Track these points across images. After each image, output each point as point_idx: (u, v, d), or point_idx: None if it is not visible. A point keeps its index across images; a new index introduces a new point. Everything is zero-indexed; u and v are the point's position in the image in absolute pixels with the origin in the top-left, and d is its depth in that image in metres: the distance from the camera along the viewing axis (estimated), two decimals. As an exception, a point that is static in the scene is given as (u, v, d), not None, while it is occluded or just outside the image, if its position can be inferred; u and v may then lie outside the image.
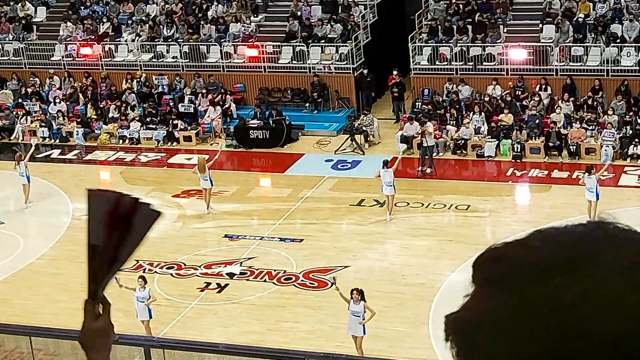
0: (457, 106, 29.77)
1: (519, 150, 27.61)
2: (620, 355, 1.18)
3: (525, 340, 1.23)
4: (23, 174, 26.04)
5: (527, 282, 1.28)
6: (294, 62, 32.59)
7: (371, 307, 17.62)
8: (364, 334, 17.53)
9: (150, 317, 18.76)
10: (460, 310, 1.36)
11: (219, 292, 21.06)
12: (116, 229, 2.22)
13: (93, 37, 35.21)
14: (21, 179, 26.15)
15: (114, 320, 2.50)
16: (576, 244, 1.29)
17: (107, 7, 36.34)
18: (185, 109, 32.10)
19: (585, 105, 28.61)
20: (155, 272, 21.86)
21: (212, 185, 25.11)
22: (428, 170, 26.92)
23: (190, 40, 33.93)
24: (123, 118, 32.12)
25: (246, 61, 33.03)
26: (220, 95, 32.32)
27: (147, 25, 34.91)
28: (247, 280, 21.48)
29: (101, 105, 33.25)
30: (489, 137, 28.34)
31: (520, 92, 29.73)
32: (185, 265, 22.30)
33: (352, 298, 17.48)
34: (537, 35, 30.71)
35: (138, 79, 33.71)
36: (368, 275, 21.11)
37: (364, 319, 17.47)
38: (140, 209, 2.22)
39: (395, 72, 31.50)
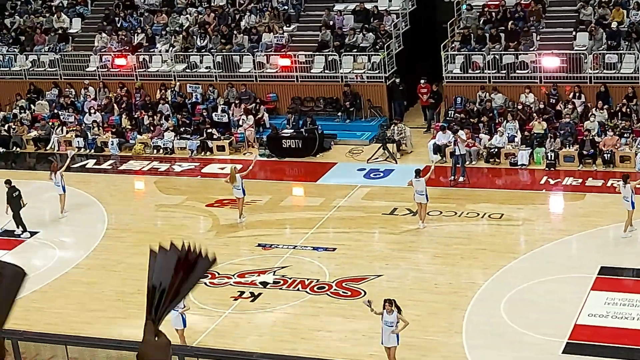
0: (490, 114, 29.67)
1: (552, 158, 27.45)
2: None
3: None
4: (58, 183, 26.26)
5: None
6: (326, 71, 32.65)
7: (404, 317, 17.57)
8: (397, 344, 17.48)
9: (185, 325, 18.83)
10: None
11: (252, 300, 21.10)
12: (181, 271, 2.96)
13: (127, 47, 35.48)
14: (57, 189, 26.38)
15: None
16: None
17: (142, 18, 36.63)
18: (218, 119, 32.25)
19: (619, 113, 28.41)
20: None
21: (244, 194, 25.18)
22: (461, 179, 26.84)
23: (224, 51, 34.10)
24: (157, 127, 32.30)
25: (279, 71, 33.14)
26: (253, 105, 32.44)
27: (181, 35, 35.13)
28: (280, 289, 21.50)
29: (135, 116, 33.48)
30: (523, 145, 28.21)
31: (554, 100, 29.58)
32: (219, 274, 22.37)
33: (384, 309, 17.43)
34: (571, 42, 30.54)
35: (172, 89, 33.93)
36: (401, 284, 21.07)
37: (397, 328, 17.43)
38: (203, 256, 3.07)
39: (422, 81, 31.46)
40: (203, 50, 34.49)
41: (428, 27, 34.12)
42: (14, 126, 33.90)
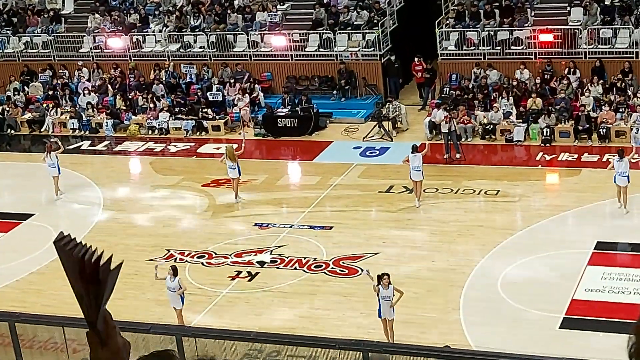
0: (485, 91, 29.64)
1: (548, 134, 27.44)
2: None
3: None
4: (54, 165, 26.20)
5: None
6: (320, 49, 32.56)
7: (398, 288, 17.62)
8: (394, 316, 17.56)
9: (183, 304, 18.84)
10: None
11: (249, 280, 21.12)
12: (87, 279, 2.71)
13: (121, 28, 35.34)
14: (51, 170, 26.32)
15: (147, 310, 2.62)
16: None
17: (134, -2, 36.47)
18: (213, 98, 32.18)
19: (614, 88, 28.37)
20: (187, 261, 21.97)
21: (240, 174, 25.14)
22: (457, 156, 26.82)
23: (217, 30, 33.98)
24: (152, 108, 32.24)
25: (273, 50, 33.03)
26: (248, 84, 32.36)
27: (174, 15, 34.98)
28: (278, 268, 21.52)
29: (130, 96, 33.39)
30: (518, 121, 28.19)
31: (548, 76, 29.54)
32: (216, 254, 22.38)
33: (380, 284, 17.49)
34: (565, 18, 30.45)
35: (166, 69, 33.82)
36: (398, 261, 21.10)
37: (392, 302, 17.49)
38: (101, 267, 2.70)
39: (416, 59, 31.39)
40: (197, 30, 34.36)
41: (422, 4, 34.00)
42: (7, 108, 33.79)
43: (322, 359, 13.16)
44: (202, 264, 22.02)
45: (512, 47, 30.54)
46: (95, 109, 33.02)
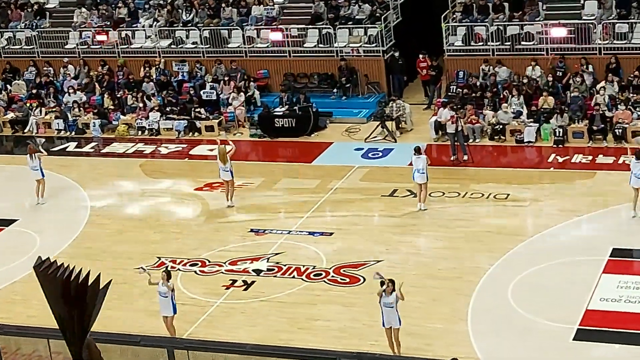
0: (494, 89, 29.67)
1: (561, 134, 27.47)
2: None
3: None
4: (36, 167, 26.24)
5: None
6: (320, 45, 32.60)
7: (399, 292, 17.59)
8: (400, 325, 17.55)
9: (175, 312, 18.83)
10: None
11: (245, 289, 21.13)
12: (71, 301, 2.61)
13: (109, 23, 35.39)
14: (34, 174, 26.34)
15: (136, 321, 2.61)
16: None
17: (123, -8, 36.51)
18: (207, 96, 32.22)
19: (630, 86, 28.41)
20: (179, 269, 21.98)
21: (232, 176, 25.16)
22: (465, 158, 26.84)
23: (211, 25, 34.02)
24: (142, 107, 32.28)
25: (270, 45, 33.08)
26: (243, 82, 32.40)
27: (165, 9, 35.04)
28: (275, 276, 21.53)
29: (118, 95, 33.43)
30: (529, 121, 28.22)
31: (561, 73, 29.58)
32: (209, 262, 22.40)
33: (383, 291, 17.47)
34: (579, 12, 30.49)
35: (157, 67, 33.86)
36: (402, 269, 21.11)
37: (397, 310, 17.47)
38: (90, 288, 2.62)
39: (421, 56, 31.42)
40: (189, 25, 34.40)
41: (427, -3, 34.07)
42: (-11, 108, 33.86)
43: (321, 372, 13.20)
44: (195, 272, 22.03)
45: (522, 43, 30.58)
46: (81, 109, 33.06)
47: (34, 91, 34.43)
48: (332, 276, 21.24)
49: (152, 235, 24.17)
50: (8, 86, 35.24)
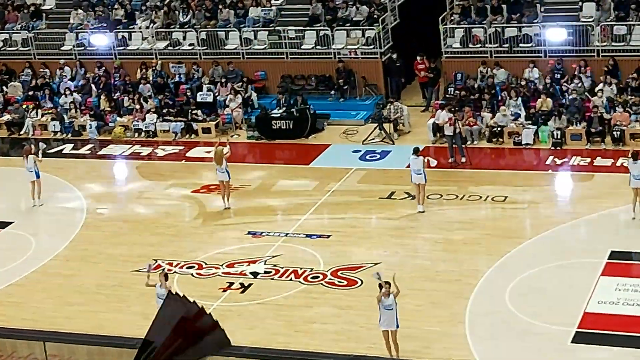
0: (492, 91, 29.66)
1: (559, 137, 27.47)
2: None
3: None
4: (31, 169, 26.19)
5: None
6: (317, 47, 32.58)
7: (394, 288, 17.54)
8: (397, 327, 17.54)
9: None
10: None
11: (242, 292, 21.11)
12: (180, 336, 2.50)
13: (105, 24, 35.34)
14: (29, 175, 26.30)
15: (132, 324, 2.58)
16: None
17: (120, -7, 36.49)
18: (203, 98, 32.19)
19: (629, 88, 28.41)
20: (175, 272, 21.94)
21: (229, 178, 25.16)
22: (462, 160, 26.84)
23: (208, 26, 34.00)
24: (139, 109, 32.24)
25: (267, 47, 33.05)
26: (240, 84, 32.38)
27: (162, 11, 35.01)
28: (272, 279, 21.51)
29: (115, 97, 33.40)
30: (527, 123, 28.22)
31: (559, 75, 29.58)
32: (206, 264, 22.37)
33: (381, 293, 17.46)
34: (577, 13, 30.50)
35: (153, 68, 33.83)
36: (400, 272, 21.05)
37: (397, 311, 17.45)
38: (216, 332, 2.50)
39: (419, 58, 31.40)
40: (186, 27, 34.38)
41: (425, -2, 34.05)
42: (-15, 110, 33.84)
43: (319, 375, 13.18)
44: (192, 274, 22.00)
45: (520, 45, 30.57)
46: (78, 110, 33.02)
47: (30, 93, 34.38)
48: (330, 279, 21.22)
49: (149, 238, 24.13)
50: (4, 88, 35.19)
